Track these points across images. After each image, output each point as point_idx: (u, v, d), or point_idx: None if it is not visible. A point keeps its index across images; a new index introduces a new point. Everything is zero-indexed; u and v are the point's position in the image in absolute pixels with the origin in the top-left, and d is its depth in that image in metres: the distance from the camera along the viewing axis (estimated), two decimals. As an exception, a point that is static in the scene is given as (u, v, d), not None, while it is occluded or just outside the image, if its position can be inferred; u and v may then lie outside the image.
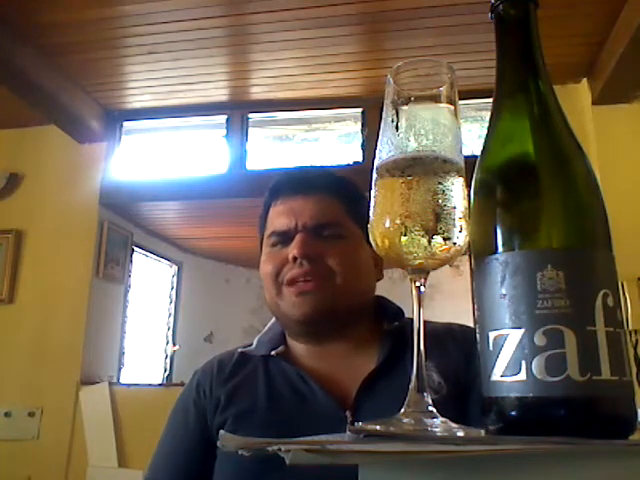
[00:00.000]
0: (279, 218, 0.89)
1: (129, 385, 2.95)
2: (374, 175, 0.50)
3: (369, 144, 2.96)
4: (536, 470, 0.35)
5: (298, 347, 0.91)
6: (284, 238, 0.88)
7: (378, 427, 0.43)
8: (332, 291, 0.84)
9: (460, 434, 0.43)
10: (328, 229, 0.87)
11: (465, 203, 0.48)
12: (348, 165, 2.97)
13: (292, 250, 0.84)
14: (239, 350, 0.94)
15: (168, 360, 4.07)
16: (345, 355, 0.88)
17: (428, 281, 0.49)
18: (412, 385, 0.47)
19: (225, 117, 3.17)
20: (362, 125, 3.03)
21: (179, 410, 0.93)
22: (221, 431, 0.42)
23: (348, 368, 0.86)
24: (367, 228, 0.88)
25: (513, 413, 0.39)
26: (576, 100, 2.73)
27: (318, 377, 0.85)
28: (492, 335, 0.41)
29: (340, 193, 0.92)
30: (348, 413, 0.79)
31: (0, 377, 2.90)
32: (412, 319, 0.49)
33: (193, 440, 0.88)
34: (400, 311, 0.93)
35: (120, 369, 3.26)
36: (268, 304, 0.91)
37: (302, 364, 0.89)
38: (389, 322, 0.89)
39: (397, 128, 0.49)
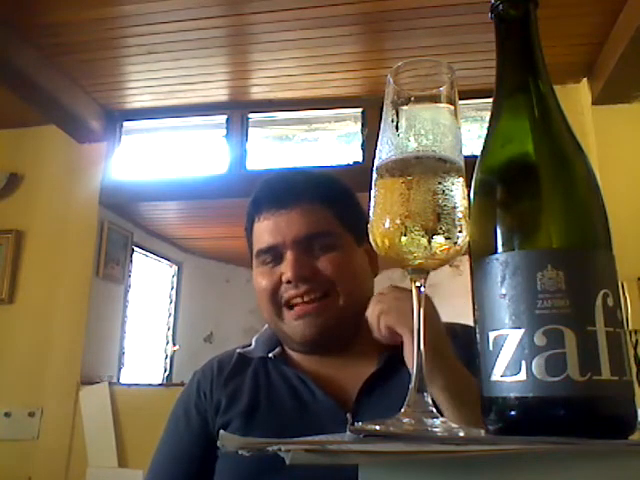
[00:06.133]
0: (265, 236, 0.86)
1: (129, 385, 2.95)
2: (374, 175, 0.50)
3: (369, 144, 2.96)
4: (536, 470, 0.34)
5: (295, 353, 0.91)
6: (274, 256, 0.85)
7: (378, 427, 0.43)
8: (333, 309, 0.82)
9: (460, 434, 0.43)
10: (318, 241, 0.84)
11: (465, 203, 0.47)
12: (348, 165, 2.97)
13: (285, 272, 0.82)
14: (238, 351, 0.94)
15: (168, 360, 4.07)
16: (345, 359, 0.87)
17: (428, 281, 0.49)
18: (412, 385, 0.47)
19: (225, 117, 3.17)
20: (362, 125, 3.03)
21: (180, 412, 0.92)
22: (221, 431, 0.42)
23: (348, 370, 0.86)
24: (357, 228, 0.88)
25: (513, 413, 0.39)
26: (576, 100, 2.72)
27: (318, 379, 0.85)
28: (492, 335, 0.41)
29: (324, 197, 0.87)
30: (349, 415, 0.78)
31: (0, 377, 2.90)
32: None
33: (195, 442, 0.87)
34: None
35: (120, 369, 3.25)
36: (266, 319, 0.89)
37: (301, 366, 0.88)
38: None
39: (397, 128, 0.49)
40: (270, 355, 0.90)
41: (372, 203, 0.50)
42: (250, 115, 3.17)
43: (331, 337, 0.83)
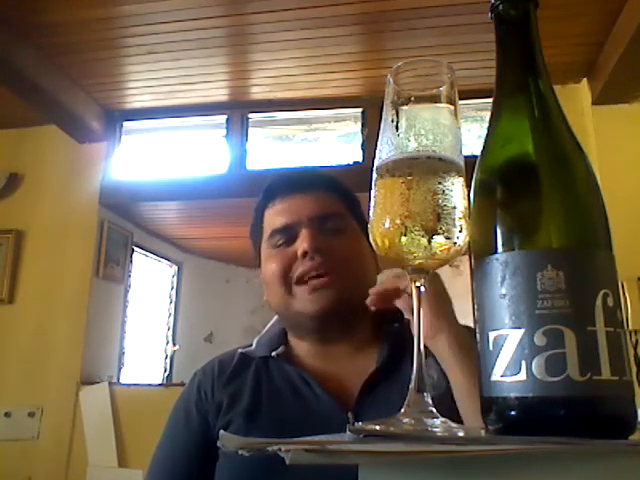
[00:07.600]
0: (279, 217, 0.88)
1: (129, 385, 2.95)
2: (374, 175, 0.50)
3: (369, 144, 2.96)
4: (536, 470, 0.34)
5: (300, 347, 0.91)
6: (288, 236, 0.86)
7: (378, 427, 0.43)
8: (345, 284, 0.83)
9: (460, 434, 0.43)
10: (332, 221, 0.87)
11: (465, 203, 0.47)
12: (348, 165, 2.97)
13: (302, 245, 0.83)
14: (239, 351, 0.93)
15: (168, 360, 4.07)
16: (346, 356, 0.88)
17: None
18: (412, 385, 0.47)
19: (225, 117, 3.17)
20: (362, 125, 3.03)
21: (180, 412, 0.92)
22: (221, 431, 0.42)
23: (349, 369, 0.86)
24: (365, 225, 0.89)
25: (513, 413, 0.39)
26: (576, 100, 2.73)
27: (319, 378, 0.85)
28: (492, 335, 0.41)
29: (337, 190, 0.93)
30: (350, 414, 0.78)
31: (0, 377, 2.90)
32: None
33: (194, 442, 0.87)
34: (400, 312, 0.92)
35: (120, 369, 3.25)
36: (275, 305, 0.89)
37: (303, 365, 0.89)
38: (389, 323, 0.89)
39: (397, 128, 0.49)
40: (273, 354, 0.90)
41: (372, 203, 0.50)
42: (250, 115, 3.17)
43: (341, 313, 0.84)
